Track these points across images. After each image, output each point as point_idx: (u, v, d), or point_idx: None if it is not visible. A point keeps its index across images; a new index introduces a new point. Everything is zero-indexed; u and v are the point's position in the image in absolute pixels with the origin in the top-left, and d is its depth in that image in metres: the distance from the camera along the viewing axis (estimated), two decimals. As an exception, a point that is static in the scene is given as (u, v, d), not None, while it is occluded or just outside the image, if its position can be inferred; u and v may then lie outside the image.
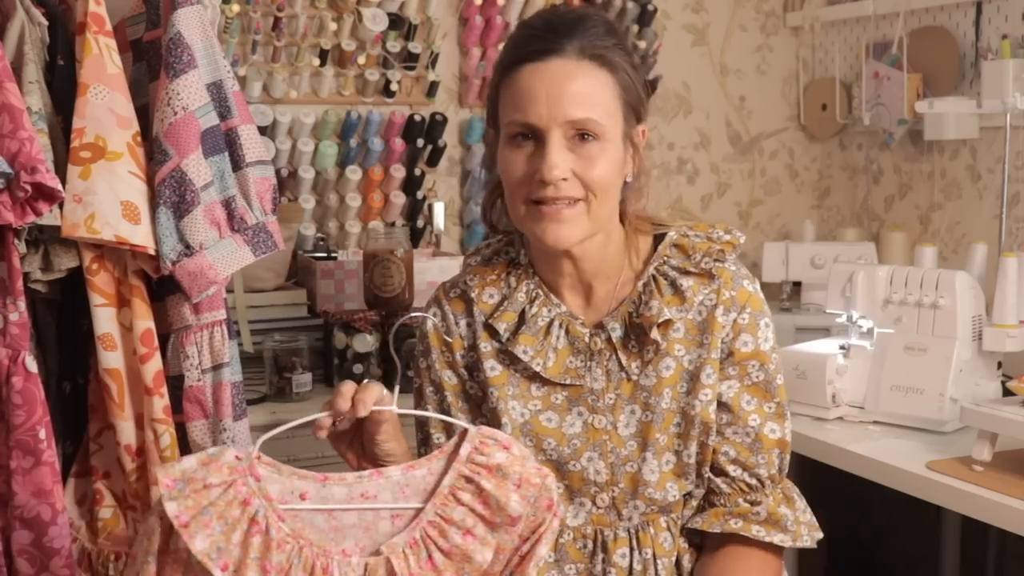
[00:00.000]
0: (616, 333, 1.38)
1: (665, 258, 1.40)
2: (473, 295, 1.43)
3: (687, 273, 1.38)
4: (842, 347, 2.17)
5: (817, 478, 2.09)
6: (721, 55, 3.25)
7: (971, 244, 2.40)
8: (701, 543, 1.42)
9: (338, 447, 1.31)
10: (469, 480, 1.15)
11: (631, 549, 1.37)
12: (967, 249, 2.43)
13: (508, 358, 1.40)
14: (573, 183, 1.30)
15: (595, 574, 1.38)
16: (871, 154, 3.15)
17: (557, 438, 1.38)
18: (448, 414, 1.42)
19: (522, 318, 1.40)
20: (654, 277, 1.39)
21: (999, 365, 2.11)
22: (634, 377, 1.38)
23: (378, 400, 1.24)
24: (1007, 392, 1.99)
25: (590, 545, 1.38)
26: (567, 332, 1.39)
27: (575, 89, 1.29)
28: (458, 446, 1.17)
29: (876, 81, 2.88)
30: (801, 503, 1.41)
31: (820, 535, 1.40)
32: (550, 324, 1.39)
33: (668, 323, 1.37)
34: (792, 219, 3.32)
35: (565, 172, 1.29)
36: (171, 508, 1.09)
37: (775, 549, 1.38)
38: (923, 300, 2.05)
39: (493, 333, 1.41)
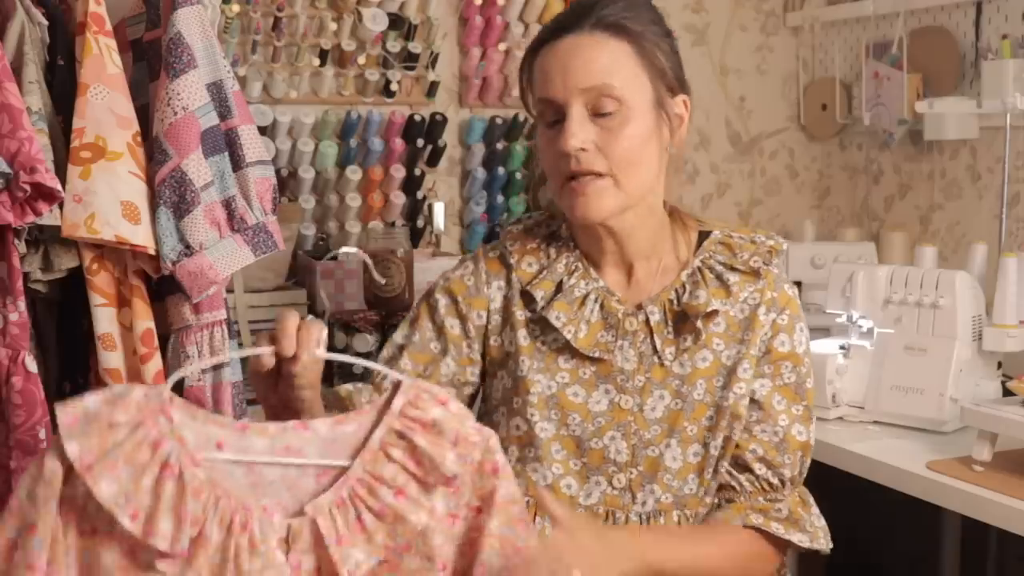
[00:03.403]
0: (655, 317, 1.38)
1: (711, 253, 1.42)
2: (512, 261, 1.43)
3: (734, 269, 1.40)
4: (842, 347, 2.17)
5: (817, 478, 2.08)
6: (721, 55, 3.25)
7: (971, 244, 2.41)
8: None
9: (259, 386, 1.21)
10: (401, 435, 1.05)
11: None
12: (967, 249, 2.43)
13: (538, 328, 1.40)
14: (596, 156, 1.31)
15: None
16: (871, 154, 3.15)
17: (582, 414, 1.37)
18: (434, 358, 1.42)
19: (559, 288, 1.40)
20: (700, 269, 1.40)
21: (999, 365, 2.11)
22: (667, 363, 1.37)
23: (319, 341, 1.17)
24: (1007, 392, 1.99)
25: None
26: (602, 307, 1.39)
27: (586, 59, 1.31)
28: (390, 400, 1.07)
29: (876, 81, 2.88)
30: (815, 509, 1.41)
31: (831, 544, 1.40)
32: (585, 296, 1.39)
33: (711, 315, 1.37)
34: (792, 219, 3.32)
35: (584, 143, 1.30)
36: (72, 449, 0.98)
37: (783, 548, 1.39)
38: (923, 300, 2.05)
39: (528, 302, 1.41)
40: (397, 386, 1.07)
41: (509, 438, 1.39)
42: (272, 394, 1.19)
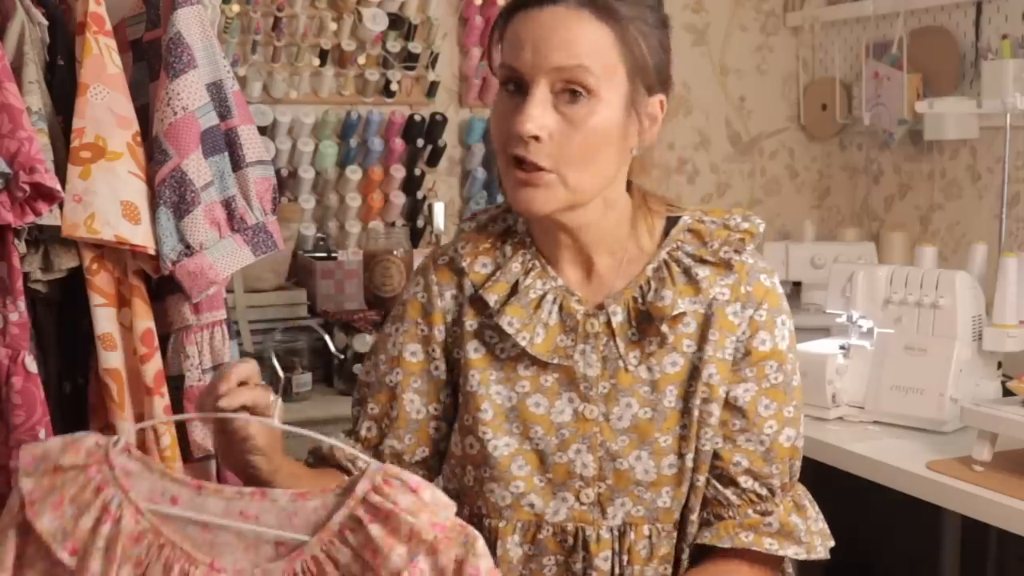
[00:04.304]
0: (617, 318, 1.27)
1: (679, 243, 1.29)
2: (464, 264, 1.31)
3: (703, 262, 1.27)
4: (842, 347, 2.17)
5: (817, 478, 2.08)
6: (721, 55, 3.25)
7: (971, 244, 2.40)
8: (691, 556, 1.32)
9: (216, 446, 1.20)
10: (359, 522, 1.02)
11: (613, 553, 1.28)
12: (967, 249, 2.43)
13: (495, 335, 1.29)
14: (547, 147, 1.18)
15: (575, 572, 1.29)
16: (871, 154, 3.15)
17: (545, 426, 1.27)
18: (394, 394, 1.33)
19: (515, 290, 1.28)
20: (666, 263, 1.28)
21: (999, 365, 2.11)
22: (631, 368, 1.27)
23: (248, 405, 1.12)
24: (1007, 392, 1.99)
25: (571, 540, 1.29)
26: (560, 308, 1.27)
27: (565, 36, 1.17)
28: (356, 482, 1.05)
29: (876, 81, 2.88)
30: (813, 510, 1.32)
31: (832, 543, 1.33)
32: (542, 297, 1.27)
33: (679, 317, 1.25)
34: (792, 219, 3.32)
35: (539, 130, 1.17)
36: (26, 485, 1.06)
37: (779, 560, 1.32)
38: (923, 300, 2.05)
39: (479, 309, 1.30)
40: (365, 470, 1.05)
41: (465, 457, 1.31)
42: (228, 456, 1.18)
